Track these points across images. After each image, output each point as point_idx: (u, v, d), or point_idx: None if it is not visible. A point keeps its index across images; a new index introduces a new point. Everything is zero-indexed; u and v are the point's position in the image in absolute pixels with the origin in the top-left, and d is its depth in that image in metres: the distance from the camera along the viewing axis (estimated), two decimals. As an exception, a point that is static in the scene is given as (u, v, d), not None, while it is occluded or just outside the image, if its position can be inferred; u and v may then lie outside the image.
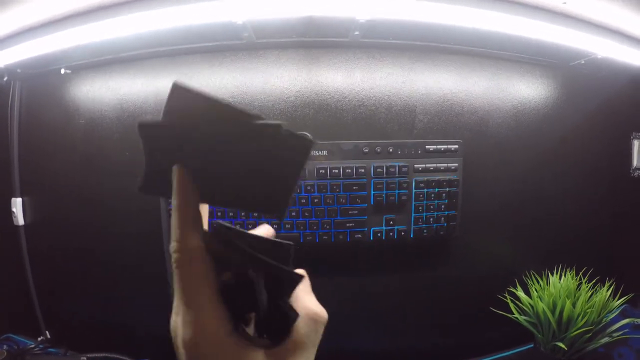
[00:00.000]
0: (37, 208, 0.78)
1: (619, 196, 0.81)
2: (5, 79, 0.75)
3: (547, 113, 0.77)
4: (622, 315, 0.69)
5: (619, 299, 0.63)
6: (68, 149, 0.74)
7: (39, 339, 0.79)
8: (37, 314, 0.80)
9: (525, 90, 0.76)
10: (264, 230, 0.24)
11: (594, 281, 0.64)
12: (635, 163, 0.82)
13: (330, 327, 0.78)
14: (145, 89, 0.69)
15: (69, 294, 0.79)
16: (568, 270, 0.66)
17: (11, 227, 0.77)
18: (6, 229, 0.78)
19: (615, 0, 0.58)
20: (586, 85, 0.78)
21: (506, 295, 0.66)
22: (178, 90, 0.19)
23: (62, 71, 0.72)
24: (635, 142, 0.82)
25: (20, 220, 0.77)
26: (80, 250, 0.76)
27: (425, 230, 0.66)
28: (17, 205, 0.77)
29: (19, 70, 0.72)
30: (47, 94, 0.75)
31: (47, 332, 0.81)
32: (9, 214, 0.77)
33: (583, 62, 0.73)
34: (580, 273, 0.66)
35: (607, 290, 0.63)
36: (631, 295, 0.65)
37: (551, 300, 0.62)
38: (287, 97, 0.68)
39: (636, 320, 0.68)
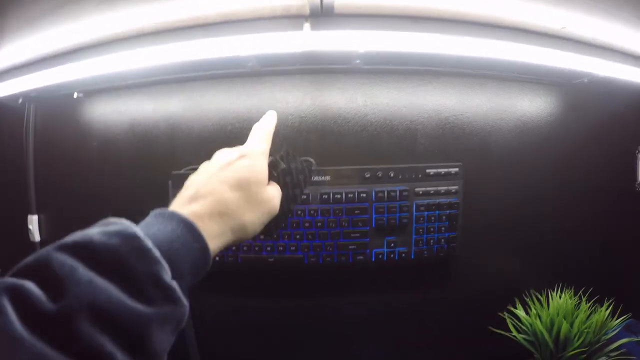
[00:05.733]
0: (53, 225, 0.81)
1: (624, 212, 0.80)
2: (20, 101, 0.78)
3: (550, 131, 0.77)
4: (628, 330, 0.69)
5: (618, 318, 0.64)
6: (82, 169, 0.76)
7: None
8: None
9: (528, 109, 0.77)
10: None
11: (593, 300, 0.65)
12: (640, 178, 0.82)
13: (333, 346, 0.80)
14: (154, 114, 0.72)
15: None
16: (567, 289, 0.67)
17: (28, 242, 0.81)
18: (23, 244, 0.81)
19: (615, 19, 0.59)
20: (590, 101, 0.77)
21: (504, 313, 0.67)
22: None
23: (75, 95, 0.75)
24: (641, 157, 0.81)
25: (36, 236, 0.80)
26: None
27: (425, 252, 0.68)
28: (33, 222, 0.80)
29: (33, 94, 0.75)
30: (61, 116, 0.77)
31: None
32: (26, 230, 0.80)
33: (586, 80, 0.73)
34: (580, 292, 0.66)
35: (606, 309, 0.63)
36: (629, 315, 0.66)
37: (548, 319, 0.64)
38: (291, 123, 0.70)
39: (633, 339, 0.67)
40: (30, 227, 0.80)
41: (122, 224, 0.22)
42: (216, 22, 0.53)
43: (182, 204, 0.27)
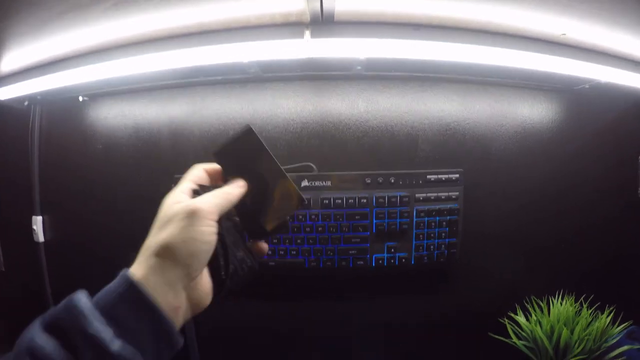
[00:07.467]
0: (57, 226, 0.82)
1: (626, 217, 0.80)
2: (25, 103, 0.79)
3: (551, 137, 0.77)
4: (630, 337, 0.68)
5: (619, 325, 0.64)
6: (86, 171, 0.77)
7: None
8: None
9: (529, 115, 0.77)
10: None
11: (594, 307, 0.65)
12: (642, 183, 0.81)
13: (333, 350, 0.80)
14: (158, 118, 0.73)
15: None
16: (568, 296, 0.67)
17: (32, 243, 0.82)
18: (27, 245, 0.82)
19: (616, 26, 0.58)
20: (592, 107, 0.77)
21: (504, 319, 0.67)
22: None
23: (80, 98, 0.76)
24: (643, 163, 0.80)
25: (40, 237, 0.82)
26: (96, 267, 0.80)
27: (425, 257, 0.68)
28: (37, 223, 0.81)
29: (38, 97, 0.76)
30: (66, 119, 0.78)
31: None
32: (30, 231, 0.81)
33: (587, 86, 0.73)
34: (582, 298, 0.66)
35: (607, 316, 0.63)
36: (630, 322, 0.65)
37: (549, 326, 0.64)
38: (293, 129, 0.70)
39: (634, 347, 0.67)
40: (34, 227, 0.81)
41: (76, 293, 0.27)
42: (218, 30, 0.54)
43: None
